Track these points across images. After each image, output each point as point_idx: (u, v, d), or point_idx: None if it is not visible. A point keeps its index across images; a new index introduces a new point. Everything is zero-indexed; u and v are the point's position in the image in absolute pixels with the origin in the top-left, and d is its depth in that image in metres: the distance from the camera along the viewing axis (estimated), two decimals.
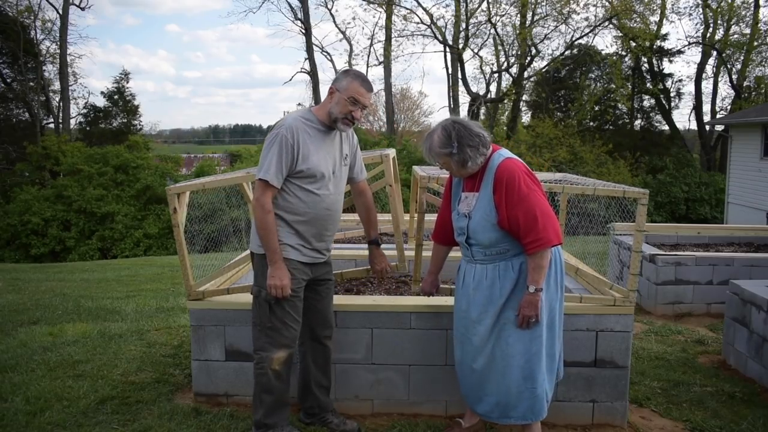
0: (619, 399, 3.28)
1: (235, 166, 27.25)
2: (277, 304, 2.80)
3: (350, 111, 2.78)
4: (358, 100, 2.77)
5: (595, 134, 28.36)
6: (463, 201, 2.79)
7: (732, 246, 7.11)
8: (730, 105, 28.31)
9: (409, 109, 45.96)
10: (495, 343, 2.74)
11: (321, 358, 3.10)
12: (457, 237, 2.83)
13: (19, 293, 7.66)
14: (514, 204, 2.58)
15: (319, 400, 3.11)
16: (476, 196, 2.72)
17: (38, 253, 21.56)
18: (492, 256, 2.73)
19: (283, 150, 2.72)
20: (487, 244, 2.70)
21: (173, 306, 6.30)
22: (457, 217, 2.81)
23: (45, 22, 29.52)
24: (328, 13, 61.33)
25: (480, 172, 2.72)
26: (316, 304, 3.04)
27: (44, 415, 3.27)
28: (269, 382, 2.84)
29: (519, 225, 2.58)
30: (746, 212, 17.81)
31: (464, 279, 2.84)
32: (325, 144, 2.85)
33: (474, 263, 2.79)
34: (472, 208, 2.72)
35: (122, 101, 29.77)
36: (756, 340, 4.09)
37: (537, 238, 2.56)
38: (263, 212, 2.74)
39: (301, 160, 2.75)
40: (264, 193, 2.73)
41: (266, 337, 2.84)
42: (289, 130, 2.74)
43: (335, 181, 2.91)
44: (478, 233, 2.70)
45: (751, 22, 26.31)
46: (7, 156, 26.28)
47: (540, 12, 27.74)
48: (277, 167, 2.72)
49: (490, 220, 2.66)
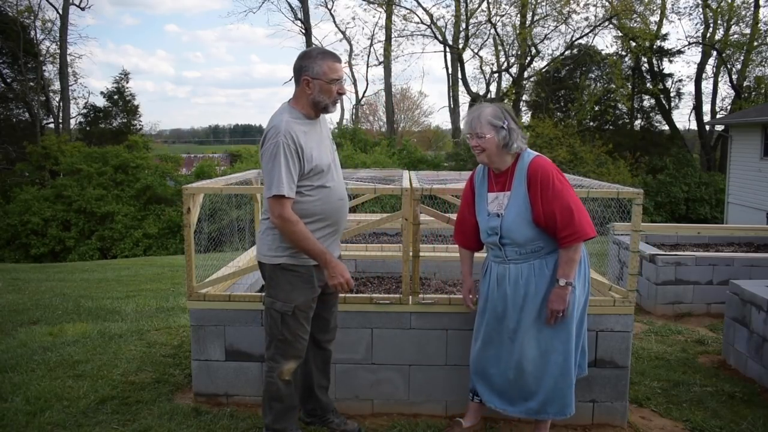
0: (619, 399, 3.28)
1: (235, 167, 27.23)
2: (292, 315, 2.73)
3: (337, 90, 2.68)
4: (340, 77, 2.68)
5: (595, 134, 28.37)
6: (492, 201, 2.79)
7: (732, 246, 7.11)
8: (730, 105, 28.32)
9: (409, 109, 46.03)
10: (534, 342, 2.76)
11: (321, 361, 3.08)
12: (488, 238, 2.82)
13: (19, 293, 7.66)
14: (549, 200, 2.63)
15: (321, 402, 3.11)
16: (507, 194, 2.74)
17: (38, 253, 21.56)
18: (526, 255, 2.74)
19: (288, 158, 2.59)
20: (522, 242, 2.71)
21: (173, 306, 6.30)
22: (487, 218, 2.80)
23: (45, 22, 29.59)
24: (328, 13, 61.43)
25: (510, 171, 2.75)
26: (322, 313, 2.97)
27: (44, 415, 3.27)
28: (279, 391, 2.81)
29: (555, 220, 2.62)
30: (746, 212, 17.82)
31: (498, 280, 2.82)
32: (320, 136, 2.78)
33: (507, 263, 2.78)
34: (505, 207, 2.73)
35: (122, 101, 29.77)
36: (756, 340, 4.09)
37: (573, 231, 2.62)
38: (292, 225, 2.60)
39: (307, 160, 2.65)
40: (284, 207, 2.59)
41: (277, 349, 2.78)
42: (288, 135, 2.60)
43: (336, 168, 2.85)
44: (513, 231, 2.70)
45: (751, 22, 26.32)
46: (7, 156, 26.31)
47: (540, 12, 27.78)
48: (288, 177, 2.58)
49: (525, 217, 2.68)
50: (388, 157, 24.68)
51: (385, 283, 4.46)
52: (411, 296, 3.27)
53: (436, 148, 39.76)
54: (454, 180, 4.20)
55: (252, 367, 3.38)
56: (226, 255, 4.78)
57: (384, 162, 22.99)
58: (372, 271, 4.81)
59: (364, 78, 45.11)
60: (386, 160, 23.70)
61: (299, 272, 2.73)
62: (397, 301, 3.28)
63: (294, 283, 2.73)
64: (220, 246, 4.79)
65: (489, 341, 2.88)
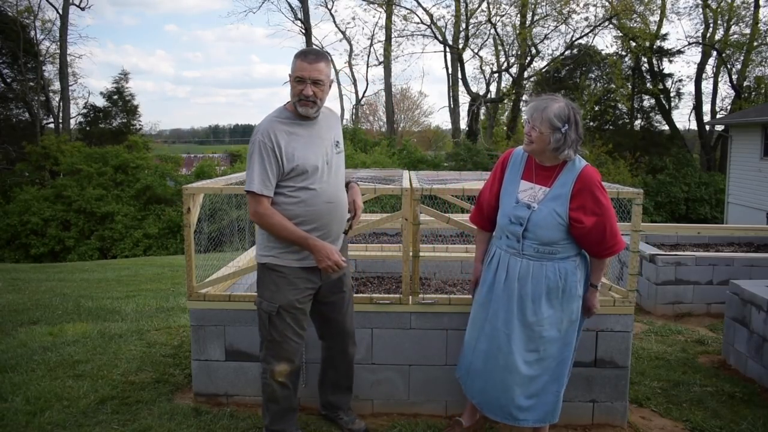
0: (619, 399, 3.28)
1: (235, 166, 27.25)
2: (277, 315, 2.71)
3: (300, 90, 2.61)
4: (303, 77, 2.60)
5: (595, 134, 28.39)
6: (525, 190, 2.70)
7: (732, 246, 7.11)
8: (730, 105, 28.33)
9: (409, 109, 46.06)
10: (533, 343, 2.71)
11: (343, 364, 3.06)
12: (509, 226, 2.70)
13: (19, 293, 7.65)
14: (602, 211, 2.62)
15: (329, 398, 3.13)
16: (545, 190, 2.66)
17: (38, 253, 21.55)
18: (542, 254, 2.67)
19: (264, 156, 2.60)
20: (546, 241, 2.65)
21: (173, 306, 6.30)
22: (514, 205, 2.70)
23: (45, 22, 29.60)
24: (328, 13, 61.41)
25: (557, 169, 2.66)
26: (332, 314, 2.94)
27: (44, 415, 3.27)
28: (273, 393, 2.80)
29: (605, 232, 2.63)
30: (746, 212, 17.82)
31: (508, 272, 2.72)
32: (310, 136, 2.70)
33: (520, 257, 2.70)
34: (539, 201, 2.65)
35: (122, 101, 29.76)
36: (756, 340, 4.09)
37: (615, 243, 2.68)
38: (268, 218, 2.62)
39: (287, 160, 2.62)
40: (258, 203, 2.61)
41: (268, 350, 2.78)
42: (265, 134, 2.62)
43: (330, 171, 2.75)
44: (540, 228, 2.63)
45: (751, 22, 26.32)
46: (7, 156, 26.30)
47: (540, 12, 27.79)
48: (261, 175, 2.60)
49: (557, 219, 2.61)
50: (388, 157, 24.69)
51: (385, 283, 4.46)
52: (411, 296, 3.26)
53: (436, 148, 39.77)
54: (454, 180, 4.20)
55: (252, 367, 3.38)
56: (226, 255, 4.77)
57: (384, 162, 23.00)
58: (372, 271, 4.81)
59: (364, 78, 45.22)
60: (386, 160, 23.71)
61: (282, 273, 2.73)
62: (397, 301, 3.28)
63: (278, 283, 2.73)
64: (220, 246, 4.79)
65: (483, 334, 2.80)
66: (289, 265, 2.73)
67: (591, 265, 2.78)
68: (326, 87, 2.69)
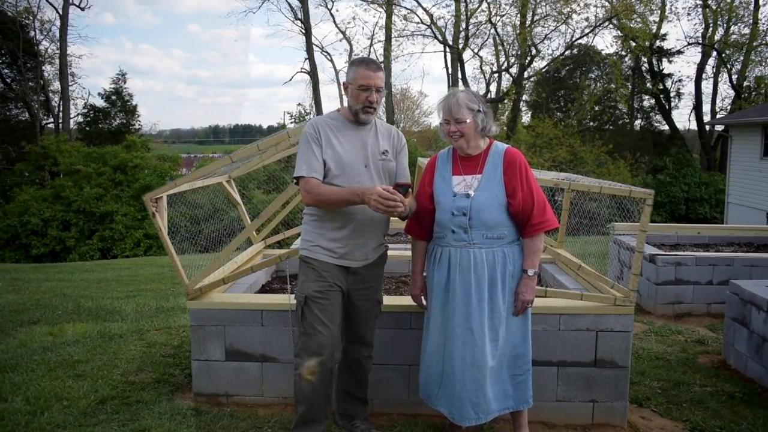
0: (619, 399, 3.27)
1: None
2: (306, 306, 2.77)
3: (366, 97, 2.76)
4: (368, 85, 2.75)
5: (595, 134, 28.36)
6: (458, 183, 2.79)
7: (732, 246, 7.11)
8: (730, 105, 28.31)
9: (409, 109, 45.99)
10: (497, 332, 2.77)
11: (358, 373, 3.08)
12: (453, 219, 2.74)
13: (19, 293, 7.66)
14: (527, 187, 2.71)
15: (345, 407, 3.13)
16: (478, 177, 2.76)
17: (38, 254, 21.53)
18: (491, 240, 2.74)
19: (309, 144, 2.76)
20: (492, 224, 2.73)
21: (173, 306, 6.31)
22: (453, 198, 2.76)
23: (44, 22, 29.57)
24: (328, 13, 61.28)
25: (482, 156, 2.79)
26: (355, 326, 2.98)
27: (44, 415, 3.27)
28: (300, 391, 2.81)
29: (532, 205, 2.70)
30: (746, 212, 17.81)
31: (461, 265, 2.75)
32: (354, 137, 2.83)
33: (471, 248, 2.74)
34: (475, 189, 2.74)
35: (120, 101, 29.74)
36: (756, 340, 4.09)
37: (544, 219, 2.73)
38: (314, 193, 2.70)
39: (326, 145, 2.77)
40: (306, 183, 2.72)
41: (301, 343, 2.82)
42: (311, 126, 2.81)
43: (370, 174, 2.80)
44: (483, 212, 2.71)
45: (750, 22, 26.30)
46: (7, 156, 26.27)
47: (540, 12, 27.73)
48: (307, 161, 2.73)
49: (497, 200, 2.72)
50: None
51: (385, 283, 4.46)
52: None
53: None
54: None
55: (252, 367, 3.38)
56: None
57: None
58: None
59: None
60: None
61: (312, 265, 2.83)
62: (397, 301, 3.27)
63: (308, 274, 2.83)
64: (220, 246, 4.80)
65: (449, 336, 2.79)
66: (319, 259, 2.82)
67: (525, 249, 2.79)
68: (383, 95, 2.85)
